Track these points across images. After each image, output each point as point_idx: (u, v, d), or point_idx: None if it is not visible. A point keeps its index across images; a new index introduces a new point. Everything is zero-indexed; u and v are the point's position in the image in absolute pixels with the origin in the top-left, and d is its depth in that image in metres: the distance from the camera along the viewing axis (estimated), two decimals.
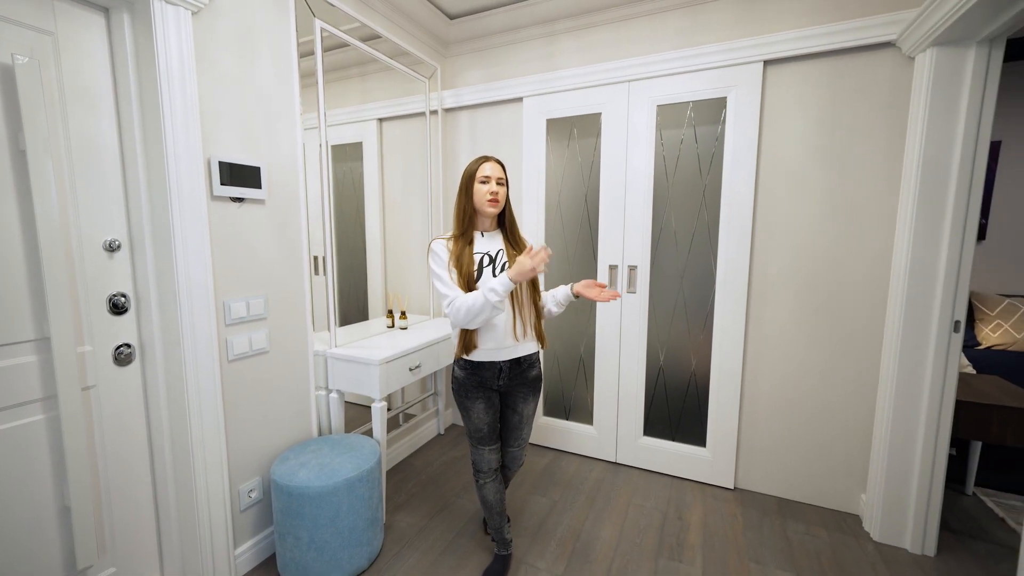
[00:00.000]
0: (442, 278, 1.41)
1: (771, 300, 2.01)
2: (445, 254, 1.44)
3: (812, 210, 1.90)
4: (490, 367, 1.47)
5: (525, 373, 1.52)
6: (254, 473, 1.62)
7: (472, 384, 1.50)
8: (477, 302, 1.32)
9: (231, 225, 1.49)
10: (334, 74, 2.43)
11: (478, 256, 1.45)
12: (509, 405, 1.55)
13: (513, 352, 1.47)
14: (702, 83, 2.00)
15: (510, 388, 1.52)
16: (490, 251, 1.47)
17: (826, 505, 1.99)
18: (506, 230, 1.53)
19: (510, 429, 1.58)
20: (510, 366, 1.48)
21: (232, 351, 1.51)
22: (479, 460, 1.56)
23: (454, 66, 2.61)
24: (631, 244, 2.22)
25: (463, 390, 1.52)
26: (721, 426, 2.14)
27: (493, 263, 1.45)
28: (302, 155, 1.71)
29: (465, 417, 1.54)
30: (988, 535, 1.81)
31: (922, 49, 1.59)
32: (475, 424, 1.52)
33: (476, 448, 1.56)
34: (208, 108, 1.40)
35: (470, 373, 1.50)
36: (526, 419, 1.58)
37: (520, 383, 1.52)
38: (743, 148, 1.96)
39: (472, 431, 1.54)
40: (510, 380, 1.50)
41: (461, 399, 1.53)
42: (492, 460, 1.56)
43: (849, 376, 1.90)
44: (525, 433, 1.61)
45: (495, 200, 1.43)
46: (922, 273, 1.63)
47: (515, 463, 1.65)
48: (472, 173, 1.45)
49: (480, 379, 1.49)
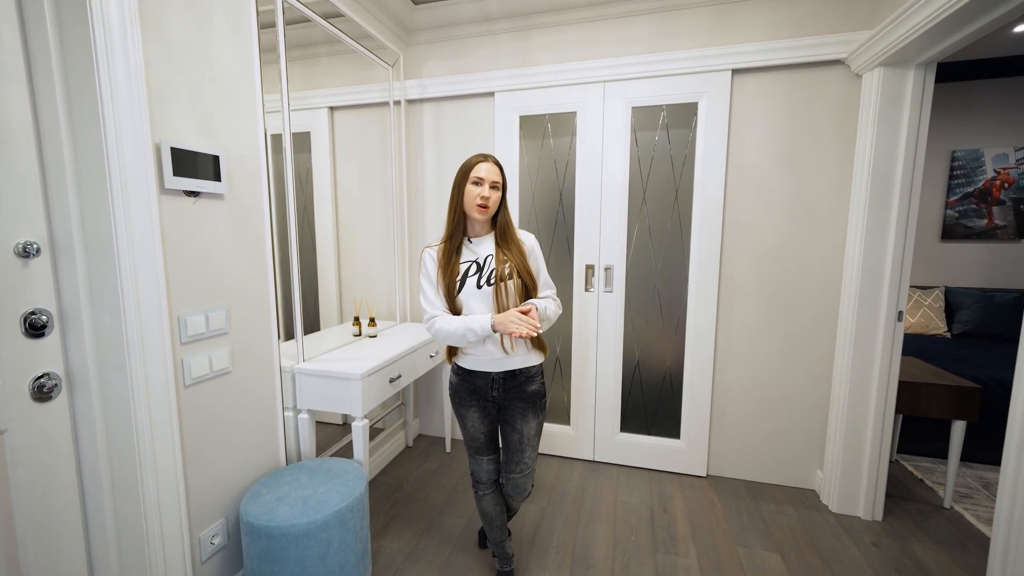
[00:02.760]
0: (427, 293, 1.37)
1: (738, 296, 2.14)
2: (433, 267, 1.38)
3: (774, 211, 2.05)
4: (483, 376, 1.40)
5: (522, 387, 1.41)
6: (217, 515, 1.38)
7: (465, 391, 1.44)
8: (456, 332, 1.30)
9: (186, 224, 1.25)
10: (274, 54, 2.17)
11: (464, 265, 1.37)
12: (507, 421, 1.45)
13: (505, 364, 1.38)
14: (675, 88, 2.07)
15: (506, 402, 1.43)
16: (478, 258, 1.38)
17: (788, 484, 2.17)
18: (498, 233, 1.41)
19: (511, 451, 1.45)
20: (504, 378, 1.40)
21: (189, 374, 1.26)
22: (477, 470, 1.50)
23: (417, 55, 2.45)
24: (607, 243, 2.24)
25: (457, 396, 1.46)
26: (694, 418, 2.24)
27: (480, 271, 1.36)
28: (265, 143, 1.49)
29: (461, 425, 1.48)
30: (915, 495, 2.08)
31: (870, 68, 1.77)
32: (470, 433, 1.46)
33: (474, 458, 1.50)
34: (157, 82, 1.15)
35: (463, 379, 1.43)
36: (527, 440, 1.43)
37: (516, 397, 1.42)
38: (713, 151, 2.06)
39: (468, 440, 1.48)
40: (505, 393, 1.41)
41: (456, 406, 1.47)
42: (491, 471, 1.50)
43: (807, 363, 2.08)
44: (528, 457, 1.44)
45: (484, 206, 1.33)
46: (872, 268, 1.82)
47: (517, 492, 1.49)
48: (466, 171, 1.35)
49: (473, 387, 1.42)
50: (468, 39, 2.35)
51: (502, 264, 1.35)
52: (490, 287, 1.34)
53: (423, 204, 2.53)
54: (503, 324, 1.25)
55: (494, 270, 1.35)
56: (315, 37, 2.11)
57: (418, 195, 2.53)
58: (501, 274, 1.34)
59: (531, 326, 1.21)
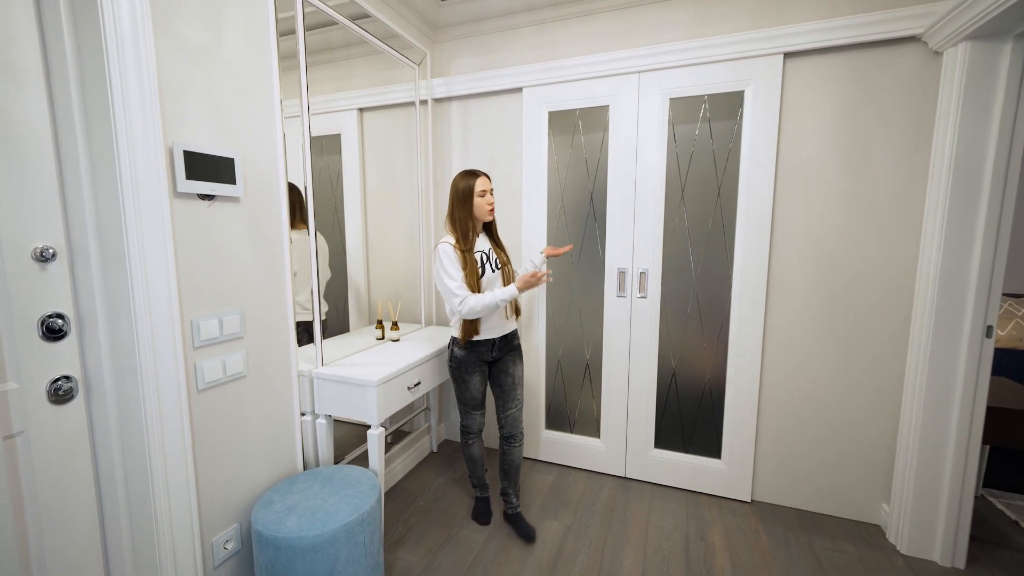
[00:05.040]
0: (455, 277, 1.65)
1: (789, 305, 1.92)
2: (456, 256, 1.67)
3: (832, 210, 1.82)
4: (486, 343, 1.77)
5: (510, 343, 1.84)
6: (230, 520, 1.37)
7: (471, 360, 1.78)
8: (491, 303, 1.63)
9: (200, 228, 1.24)
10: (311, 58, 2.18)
11: (479, 255, 1.72)
12: (502, 370, 1.83)
13: (503, 329, 1.79)
14: (718, 76, 1.89)
15: (501, 356, 1.82)
16: (484, 250, 1.76)
17: (846, 516, 1.93)
18: (493, 230, 1.84)
19: (506, 392, 1.83)
20: (500, 341, 1.79)
21: (203, 379, 1.26)
22: (472, 424, 1.87)
23: (444, 52, 2.40)
24: (642, 246, 2.09)
25: (462, 366, 1.78)
26: (737, 436, 2.04)
27: (488, 259, 1.75)
28: (283, 145, 1.47)
29: (463, 389, 1.82)
30: (1008, 540, 1.79)
31: (953, 44, 1.53)
32: (471, 393, 1.81)
33: (470, 414, 1.85)
34: (170, 85, 1.15)
35: (471, 352, 1.77)
36: (518, 380, 1.85)
37: (508, 351, 1.83)
38: (762, 145, 1.86)
39: (468, 400, 1.83)
40: (500, 351, 1.81)
41: (460, 374, 1.79)
42: (481, 422, 1.89)
43: (871, 382, 1.84)
44: (519, 394, 1.85)
45: (494, 209, 1.76)
46: (953, 277, 1.57)
47: (516, 428, 1.84)
48: (470, 189, 1.70)
49: (478, 354, 1.77)
50: (495, 34, 2.27)
51: (501, 254, 1.82)
52: (499, 270, 1.77)
53: None
54: (526, 286, 1.64)
55: (497, 259, 1.78)
56: (342, 40, 2.10)
57: (445, 197, 2.48)
58: (503, 261, 1.81)
59: (542, 278, 1.65)
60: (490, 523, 1.90)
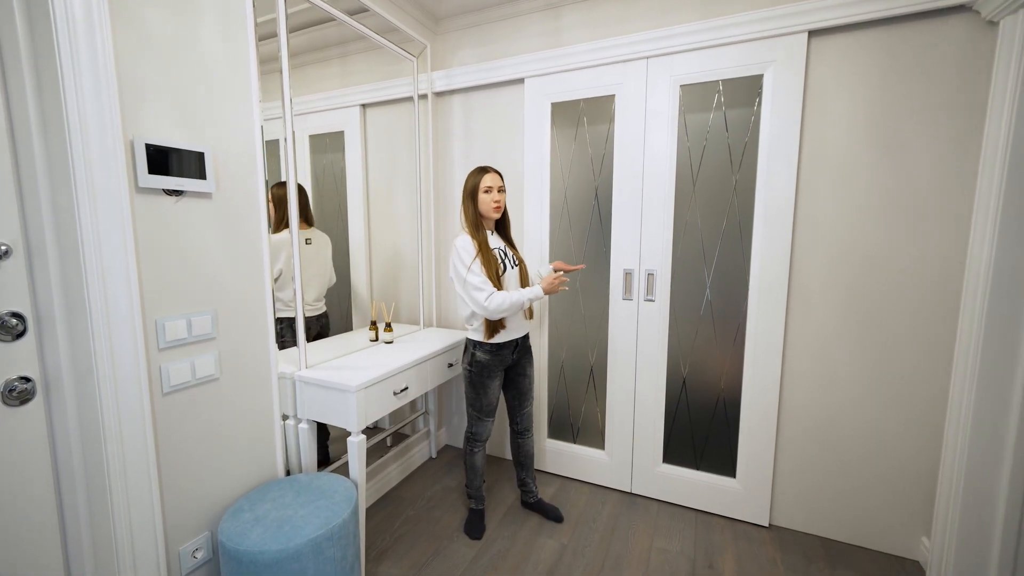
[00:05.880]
0: (477, 272, 1.60)
1: (814, 310, 1.73)
2: (475, 249, 1.63)
3: (863, 206, 1.63)
4: (509, 345, 1.74)
5: (526, 343, 1.84)
6: (200, 528, 1.32)
7: (494, 364, 1.72)
8: (517, 302, 1.59)
9: (167, 225, 1.19)
10: (312, 55, 2.14)
11: (496, 251, 1.68)
12: (520, 372, 1.83)
13: (524, 329, 1.79)
14: (734, 59, 1.72)
15: (518, 358, 1.80)
16: (500, 247, 1.72)
17: (879, 548, 1.72)
18: (506, 226, 1.80)
19: (523, 392, 1.85)
20: (520, 341, 1.78)
21: (168, 381, 1.21)
22: (482, 431, 1.79)
23: (446, 44, 2.32)
24: (649, 246, 1.94)
25: (485, 371, 1.71)
26: (754, 453, 1.86)
27: (506, 256, 1.71)
28: (260, 139, 1.42)
29: (481, 395, 1.74)
30: None
31: (1013, 10, 1.32)
32: (489, 399, 1.75)
33: (482, 420, 1.78)
34: (131, 75, 1.10)
35: (494, 355, 1.71)
36: (531, 379, 1.87)
37: (524, 352, 1.83)
38: (783, 135, 1.68)
39: (484, 406, 1.75)
40: (519, 353, 1.79)
41: (481, 379, 1.72)
42: (491, 430, 1.82)
43: (908, 398, 1.63)
44: (532, 391, 1.89)
45: (499, 207, 1.69)
46: (1007, 280, 1.36)
47: (530, 422, 1.90)
48: (476, 185, 1.67)
49: (502, 358, 1.73)
50: (498, 23, 2.17)
51: (515, 252, 1.78)
52: (515, 268, 1.73)
53: (450, 204, 2.39)
54: (551, 288, 1.62)
55: (512, 255, 1.75)
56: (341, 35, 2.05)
57: (446, 194, 2.40)
58: (519, 259, 1.77)
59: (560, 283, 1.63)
60: (482, 538, 1.80)
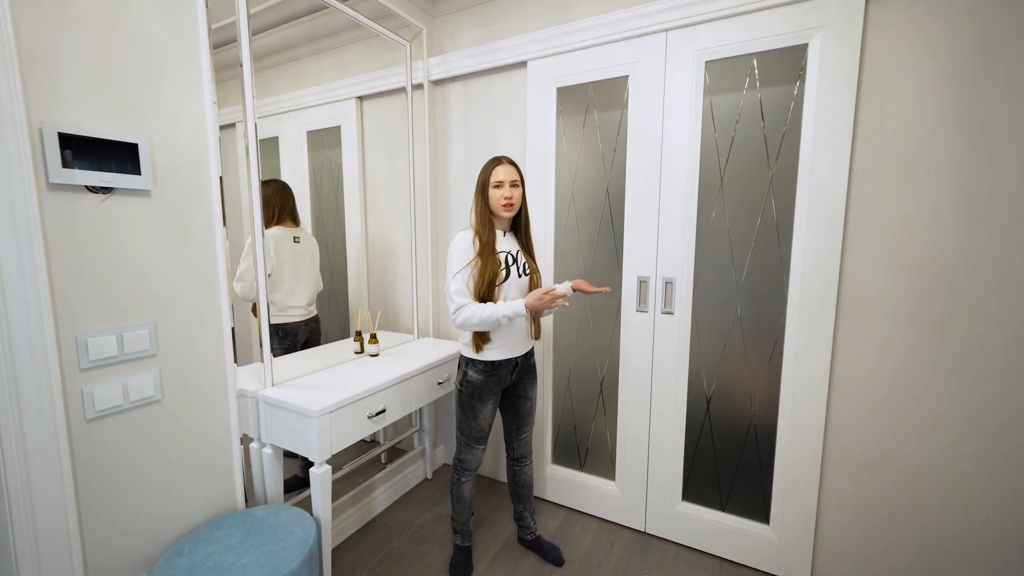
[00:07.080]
0: (459, 278, 1.40)
1: (870, 326, 1.43)
2: (470, 253, 1.42)
3: (936, 202, 1.31)
4: (507, 364, 1.52)
5: (528, 362, 1.61)
6: (138, 570, 1.17)
7: (488, 386, 1.51)
8: (490, 317, 1.36)
9: (91, 226, 1.04)
10: (308, 47, 1.99)
11: (502, 255, 1.46)
12: (519, 394, 1.61)
13: (525, 347, 1.56)
14: (771, 27, 1.44)
15: (519, 379, 1.58)
16: (510, 251, 1.49)
17: None
18: (523, 227, 1.54)
19: (523, 416, 1.64)
20: (520, 360, 1.55)
21: (93, 406, 1.05)
22: (472, 460, 1.59)
23: (446, 27, 2.12)
24: (667, 250, 1.68)
25: (477, 393, 1.51)
26: (793, 496, 1.57)
27: (515, 262, 1.48)
28: (213, 129, 1.25)
29: (471, 419, 1.53)
30: None
31: None
32: (480, 425, 1.54)
33: (472, 448, 1.57)
34: (40, 51, 0.95)
35: (488, 375, 1.50)
36: (534, 403, 1.66)
37: (526, 372, 1.60)
38: (832, 118, 1.39)
39: (473, 432, 1.55)
40: (519, 373, 1.57)
41: (472, 401, 1.51)
42: (482, 458, 1.61)
43: (993, 437, 1.31)
44: (534, 415, 1.68)
45: (510, 205, 1.44)
46: None
47: (528, 448, 1.70)
48: (486, 179, 1.45)
49: (498, 378, 1.52)
50: (498, 1, 1.95)
51: (530, 261, 1.53)
52: (526, 276, 1.49)
53: (449, 201, 2.19)
54: (537, 306, 1.34)
55: (525, 263, 1.50)
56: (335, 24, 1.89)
57: (445, 190, 2.20)
58: (532, 268, 1.51)
59: (555, 302, 1.34)
60: None
